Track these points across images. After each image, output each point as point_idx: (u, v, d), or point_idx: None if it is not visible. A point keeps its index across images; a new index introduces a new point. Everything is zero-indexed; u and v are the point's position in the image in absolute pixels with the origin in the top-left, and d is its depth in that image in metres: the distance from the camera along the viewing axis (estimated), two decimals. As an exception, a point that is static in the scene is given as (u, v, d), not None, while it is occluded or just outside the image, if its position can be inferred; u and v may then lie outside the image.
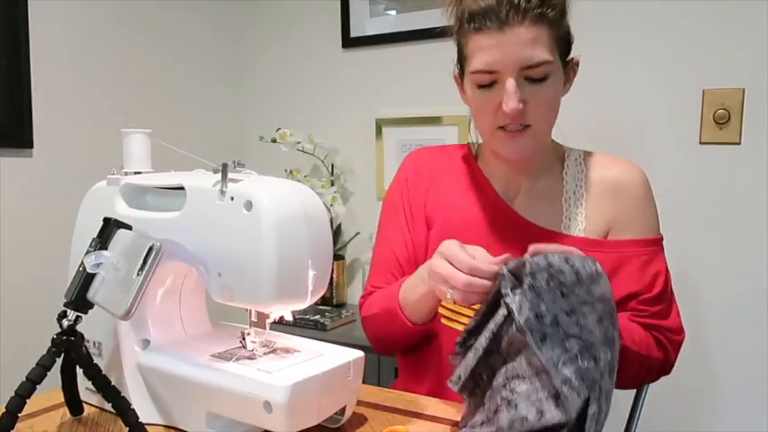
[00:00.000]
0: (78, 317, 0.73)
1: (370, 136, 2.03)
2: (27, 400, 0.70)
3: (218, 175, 0.73)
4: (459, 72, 0.98)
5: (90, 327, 0.75)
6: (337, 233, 2.05)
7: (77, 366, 0.76)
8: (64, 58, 1.74)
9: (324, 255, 0.75)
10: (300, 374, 0.71)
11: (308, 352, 0.80)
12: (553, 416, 0.65)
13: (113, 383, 0.75)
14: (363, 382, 0.81)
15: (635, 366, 0.89)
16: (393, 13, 2.05)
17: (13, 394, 0.69)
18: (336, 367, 0.75)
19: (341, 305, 2.00)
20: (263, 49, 2.25)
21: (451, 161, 1.07)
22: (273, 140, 1.98)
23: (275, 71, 2.23)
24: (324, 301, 1.98)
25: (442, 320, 0.81)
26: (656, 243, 0.97)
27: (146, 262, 0.71)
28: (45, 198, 1.70)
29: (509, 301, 0.68)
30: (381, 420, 0.82)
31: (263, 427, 0.72)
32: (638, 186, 0.98)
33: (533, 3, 0.85)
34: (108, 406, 0.76)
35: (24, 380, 0.70)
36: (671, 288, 0.97)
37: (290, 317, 0.77)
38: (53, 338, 0.72)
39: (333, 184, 2.04)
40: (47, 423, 0.81)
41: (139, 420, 0.73)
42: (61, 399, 0.81)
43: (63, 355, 0.74)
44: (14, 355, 1.60)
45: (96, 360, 0.76)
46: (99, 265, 0.72)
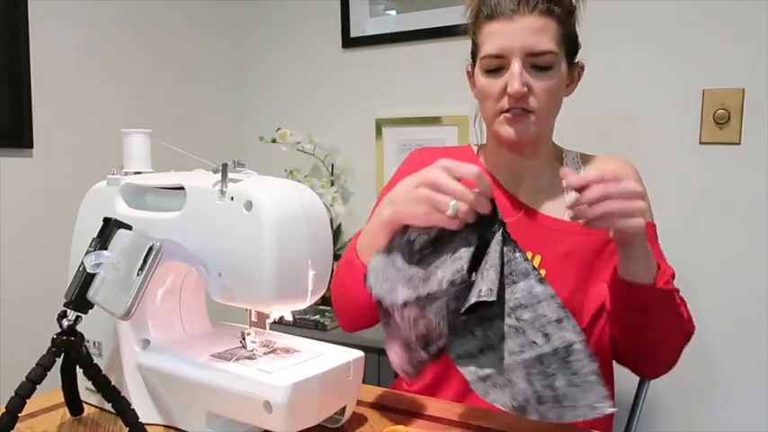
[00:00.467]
0: (78, 317, 0.73)
1: (370, 136, 2.03)
2: (27, 400, 0.70)
3: (218, 175, 0.73)
4: (471, 65, 1.04)
5: (90, 327, 0.75)
6: (337, 233, 2.05)
7: (77, 366, 0.76)
8: (64, 58, 1.74)
9: (324, 255, 0.75)
10: (300, 374, 0.71)
11: (307, 352, 0.80)
12: (560, 336, 0.71)
13: (113, 383, 0.75)
14: (363, 382, 0.81)
15: (680, 326, 0.91)
16: (393, 13, 2.05)
17: (13, 394, 0.69)
18: (336, 367, 0.75)
19: (341, 305, 2.00)
20: (263, 49, 2.25)
21: (454, 158, 1.08)
22: (273, 140, 1.98)
23: (275, 71, 2.23)
24: (324, 301, 1.98)
25: None
26: (651, 228, 1.01)
27: (146, 262, 0.71)
28: (45, 198, 1.70)
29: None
30: (381, 420, 0.82)
31: (263, 427, 0.72)
32: (633, 177, 1.03)
33: None
34: (108, 406, 0.76)
35: (24, 380, 0.70)
36: None
37: (290, 317, 0.77)
38: (53, 338, 0.72)
39: (333, 184, 2.04)
40: (47, 423, 0.81)
41: (139, 420, 0.73)
42: (61, 399, 0.81)
43: (63, 355, 0.74)
44: (14, 355, 1.60)
45: (96, 360, 0.76)
46: (99, 265, 0.72)
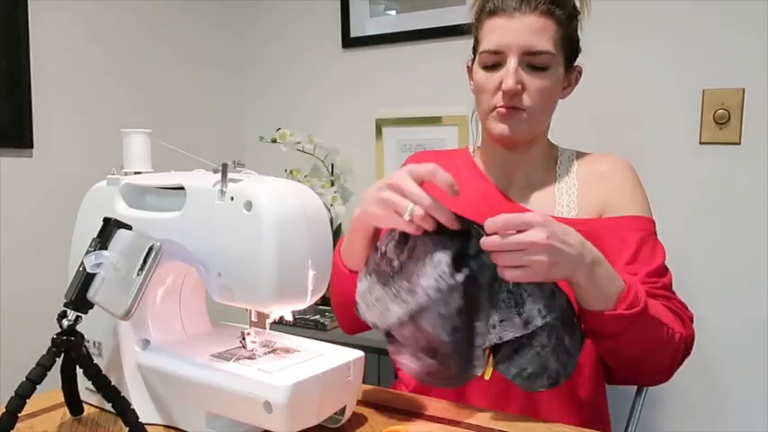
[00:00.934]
0: (78, 317, 0.73)
1: (370, 136, 2.03)
2: (27, 400, 0.70)
3: (218, 175, 0.74)
4: (471, 60, 1.05)
5: (90, 327, 0.75)
6: (337, 233, 2.05)
7: (77, 366, 0.76)
8: (64, 58, 1.74)
9: (324, 255, 0.75)
10: (300, 374, 0.71)
11: (307, 352, 0.80)
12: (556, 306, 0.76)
13: (113, 383, 0.75)
14: (363, 382, 0.81)
15: (662, 341, 0.87)
16: (393, 13, 2.05)
17: (13, 394, 0.69)
18: (336, 367, 0.75)
19: (341, 305, 2.00)
20: (263, 48, 2.25)
21: (451, 160, 1.13)
22: (273, 140, 1.98)
23: (275, 71, 2.23)
24: (324, 301, 1.98)
25: None
26: (650, 224, 1.00)
27: (146, 262, 0.71)
28: (45, 198, 1.70)
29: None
30: (381, 420, 0.82)
31: (263, 427, 0.72)
32: (625, 173, 1.03)
33: None
34: (108, 406, 0.76)
35: (24, 380, 0.70)
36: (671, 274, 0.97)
37: (290, 317, 0.77)
38: (53, 338, 0.72)
39: (333, 184, 2.04)
40: (47, 423, 0.81)
41: (139, 420, 0.73)
42: (61, 399, 0.81)
43: (63, 355, 0.74)
44: (14, 355, 1.60)
45: (96, 360, 0.76)
46: (99, 265, 0.72)
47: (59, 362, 0.75)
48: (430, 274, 0.75)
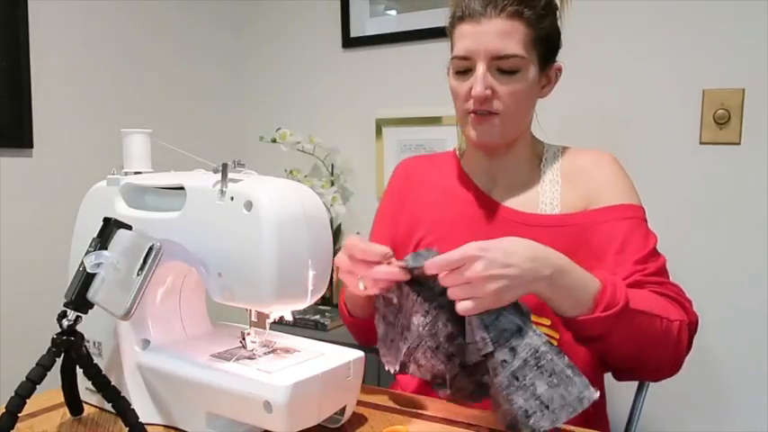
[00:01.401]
0: (78, 317, 0.73)
1: (370, 136, 2.03)
2: (27, 399, 0.70)
3: (218, 175, 0.74)
4: (448, 67, 1.04)
5: (90, 327, 0.75)
6: (337, 233, 2.05)
7: (77, 366, 0.76)
8: (64, 58, 1.74)
9: (324, 255, 0.75)
10: (300, 374, 0.71)
11: (307, 352, 0.80)
12: (525, 345, 0.74)
13: (113, 383, 0.75)
14: (363, 382, 0.81)
15: (657, 334, 0.84)
16: (393, 13, 2.05)
17: (13, 394, 0.69)
18: (336, 367, 0.75)
19: (341, 305, 2.00)
20: (263, 48, 2.25)
21: (437, 165, 1.14)
22: (273, 140, 1.98)
23: (275, 71, 2.23)
24: (324, 301, 1.98)
25: None
26: (637, 211, 0.98)
27: (146, 262, 0.71)
28: (45, 198, 1.70)
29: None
30: (381, 420, 0.82)
31: (263, 427, 0.72)
32: (607, 164, 1.02)
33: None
34: (108, 406, 0.76)
35: (24, 380, 0.70)
36: (665, 258, 0.95)
37: (290, 317, 0.77)
38: (53, 338, 0.72)
39: (333, 184, 2.04)
40: (47, 423, 0.81)
41: (139, 420, 0.73)
42: (61, 399, 0.81)
43: (63, 355, 0.74)
44: (14, 355, 1.60)
45: (96, 360, 0.76)
46: (99, 265, 0.72)
47: (59, 362, 0.75)
48: (417, 310, 0.79)
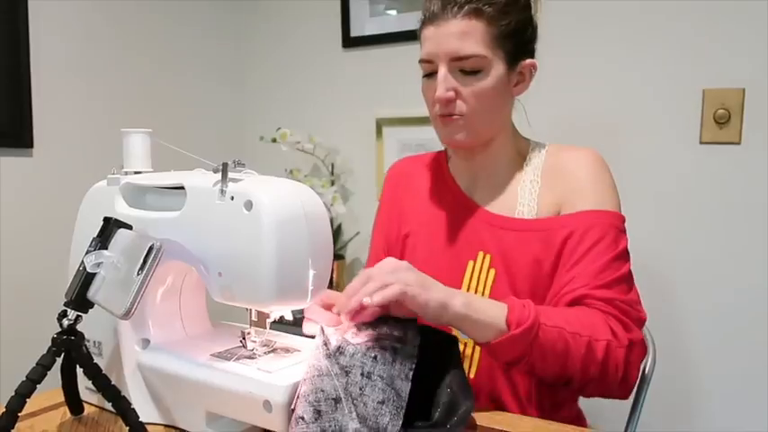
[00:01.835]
0: (78, 316, 0.73)
1: (371, 136, 2.03)
2: (27, 399, 0.70)
3: (219, 175, 0.74)
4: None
5: (90, 326, 0.76)
6: (337, 233, 2.05)
7: (77, 366, 0.76)
8: (64, 58, 1.74)
9: (324, 254, 0.75)
10: (300, 374, 0.71)
11: (308, 351, 0.80)
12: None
13: (113, 383, 0.75)
14: (363, 381, 0.81)
15: (575, 355, 0.81)
16: (393, 12, 2.05)
17: (14, 393, 0.69)
18: (336, 367, 0.75)
19: (341, 305, 2.00)
20: (263, 49, 2.25)
21: (425, 166, 1.14)
22: (273, 140, 1.98)
23: (275, 71, 2.23)
24: (324, 300, 1.98)
25: None
26: (609, 217, 0.92)
27: (146, 262, 0.71)
28: (45, 198, 1.70)
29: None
30: (381, 420, 0.82)
31: (263, 427, 0.72)
32: (586, 166, 0.97)
33: None
34: (108, 405, 0.77)
35: (24, 379, 0.70)
36: (629, 269, 0.91)
37: (290, 316, 0.77)
38: (53, 338, 0.72)
39: (333, 184, 2.04)
40: (47, 422, 0.81)
41: (139, 420, 0.73)
42: (61, 398, 0.81)
43: (63, 355, 0.75)
44: (14, 354, 1.60)
45: (96, 360, 0.76)
46: (99, 265, 0.72)
47: (59, 361, 0.75)
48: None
